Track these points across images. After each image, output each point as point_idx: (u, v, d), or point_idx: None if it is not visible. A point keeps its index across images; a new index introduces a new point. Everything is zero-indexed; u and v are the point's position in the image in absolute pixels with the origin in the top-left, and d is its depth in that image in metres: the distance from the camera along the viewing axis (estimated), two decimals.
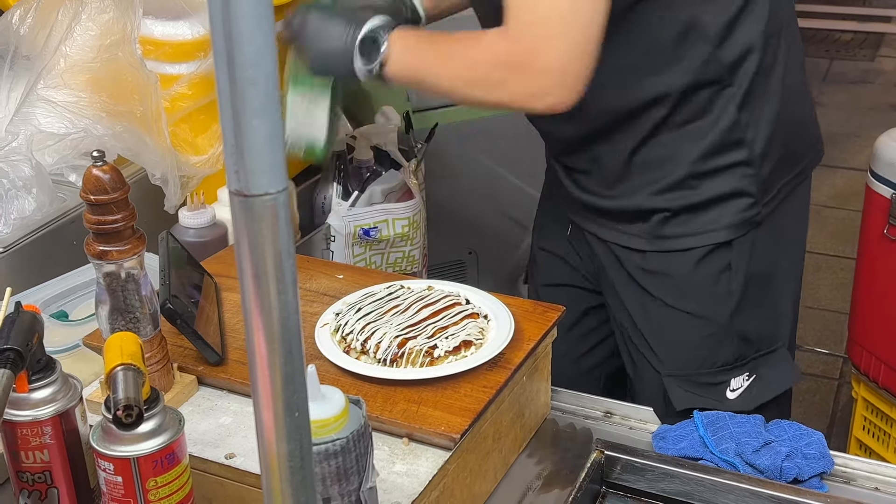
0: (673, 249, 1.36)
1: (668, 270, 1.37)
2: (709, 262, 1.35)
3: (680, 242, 1.36)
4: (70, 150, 1.35)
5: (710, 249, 1.35)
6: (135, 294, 0.98)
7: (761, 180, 1.33)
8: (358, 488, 0.82)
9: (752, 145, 1.32)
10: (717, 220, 1.34)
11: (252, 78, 0.54)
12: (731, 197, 1.33)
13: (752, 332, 1.39)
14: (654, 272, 1.38)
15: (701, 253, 1.35)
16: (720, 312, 1.36)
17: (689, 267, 1.36)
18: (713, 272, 1.35)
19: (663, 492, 1.09)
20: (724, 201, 1.33)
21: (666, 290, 1.38)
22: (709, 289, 1.36)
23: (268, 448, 0.63)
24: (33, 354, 0.87)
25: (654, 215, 1.35)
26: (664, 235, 1.36)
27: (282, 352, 0.60)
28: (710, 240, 1.34)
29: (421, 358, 1.04)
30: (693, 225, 1.35)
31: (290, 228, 0.58)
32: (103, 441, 0.86)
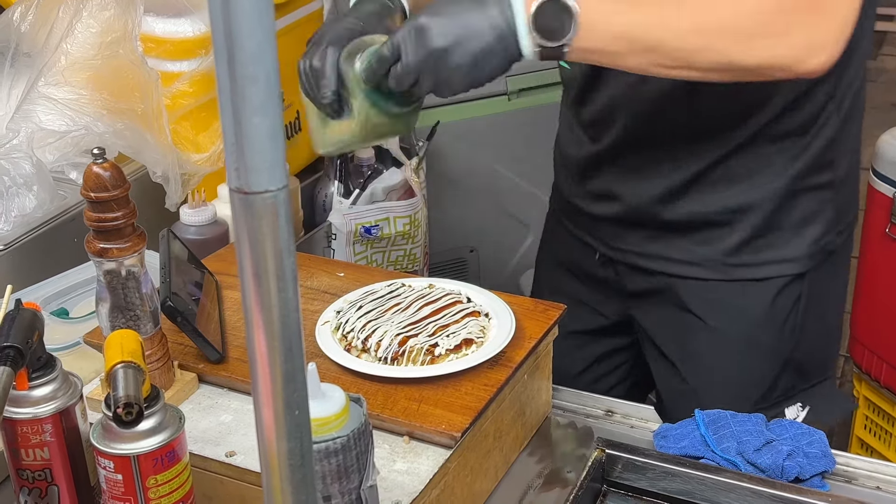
0: (747, 279, 1.25)
1: (738, 302, 1.26)
2: (786, 293, 1.25)
3: (756, 271, 1.24)
4: (71, 148, 1.35)
5: (788, 281, 1.24)
6: (135, 292, 0.98)
7: (838, 205, 1.25)
8: (358, 486, 0.82)
9: (838, 167, 1.22)
10: (797, 247, 1.24)
11: (252, 75, 0.54)
12: (812, 222, 1.24)
13: (808, 363, 1.31)
14: (719, 303, 1.27)
15: (780, 284, 1.24)
16: (785, 346, 1.28)
17: (766, 300, 1.25)
18: (788, 305, 1.26)
19: (664, 490, 1.09)
20: (805, 226, 1.24)
21: (731, 322, 1.27)
22: (780, 323, 1.26)
23: (268, 446, 0.63)
24: (34, 352, 0.87)
25: (728, 237, 1.24)
26: (738, 263, 1.24)
27: (282, 350, 0.60)
28: (789, 270, 1.24)
29: (422, 356, 1.04)
30: (771, 252, 1.23)
31: (291, 226, 0.58)
32: (103, 439, 0.85)
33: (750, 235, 1.24)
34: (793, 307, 1.26)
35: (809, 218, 1.24)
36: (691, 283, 1.28)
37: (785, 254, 1.24)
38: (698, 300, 1.28)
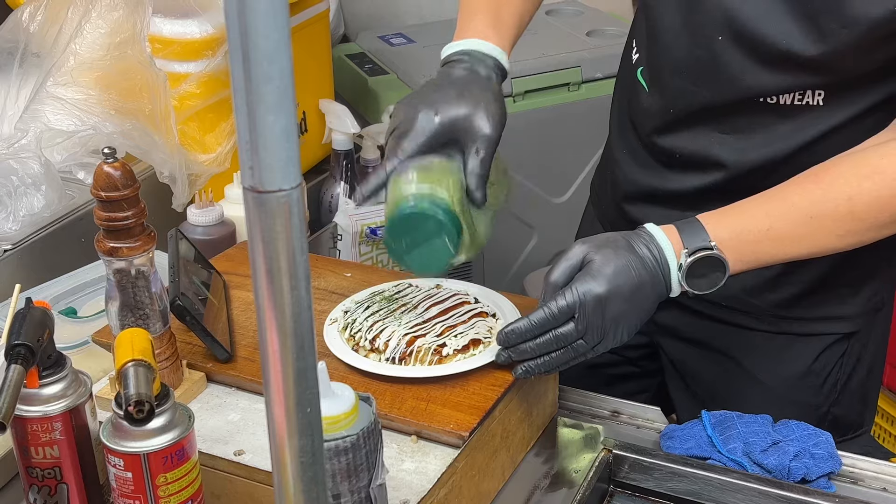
0: (796, 333, 1.19)
1: (784, 356, 1.21)
2: (831, 351, 1.20)
3: (806, 327, 1.19)
4: (79, 148, 1.36)
5: (837, 339, 1.19)
6: (145, 291, 0.98)
7: (892, 260, 1.18)
8: (367, 485, 0.82)
9: None
10: (851, 305, 1.18)
11: (267, 74, 0.54)
12: (870, 279, 1.18)
13: (845, 419, 1.26)
14: (761, 353, 1.22)
15: (828, 342, 1.19)
16: (823, 403, 1.24)
17: (810, 356, 1.20)
18: (832, 362, 1.21)
19: (671, 491, 1.09)
20: (863, 284, 1.18)
21: (770, 374, 1.22)
22: (821, 379, 1.22)
23: (279, 443, 0.63)
24: (44, 350, 0.87)
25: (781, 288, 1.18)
26: (789, 317, 1.18)
27: (294, 348, 0.60)
28: (840, 328, 1.19)
29: (429, 356, 1.04)
30: (825, 309, 1.18)
31: (304, 225, 0.59)
32: (113, 437, 0.86)
33: (806, 289, 1.18)
34: (836, 364, 1.22)
35: (868, 274, 1.18)
36: (734, 329, 1.23)
37: (839, 311, 1.19)
38: (738, 347, 1.24)
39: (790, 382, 1.24)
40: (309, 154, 1.78)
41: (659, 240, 0.99)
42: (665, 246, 0.98)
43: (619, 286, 0.96)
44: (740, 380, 1.26)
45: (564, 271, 1.00)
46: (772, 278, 1.18)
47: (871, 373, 1.28)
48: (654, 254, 0.98)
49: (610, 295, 0.96)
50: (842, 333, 1.20)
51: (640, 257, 0.98)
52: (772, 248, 0.99)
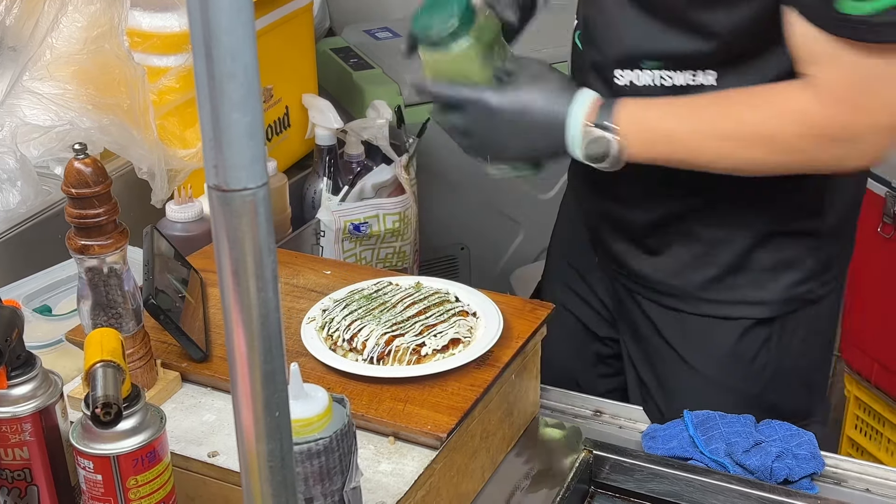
0: (715, 315, 1.24)
1: (706, 337, 1.26)
2: (752, 335, 1.24)
3: (724, 309, 1.24)
4: (55, 143, 1.34)
5: (753, 323, 1.24)
6: (117, 289, 0.97)
7: (823, 257, 1.23)
8: (341, 488, 0.81)
9: (826, 217, 1.21)
10: (769, 291, 1.23)
11: (231, 71, 0.53)
12: (789, 267, 1.22)
13: (783, 408, 1.26)
14: (690, 335, 1.27)
15: (745, 325, 1.24)
16: (752, 388, 1.27)
17: (731, 339, 1.25)
18: (754, 347, 1.25)
19: (652, 492, 1.09)
20: (781, 271, 1.22)
21: (698, 355, 1.27)
22: (745, 363, 1.26)
23: (247, 447, 0.62)
24: (12, 350, 0.86)
25: (701, 270, 1.23)
26: (707, 299, 1.24)
27: (261, 350, 0.59)
28: (756, 313, 1.23)
29: (408, 356, 1.03)
30: (742, 293, 1.23)
31: (271, 224, 0.57)
32: (83, 439, 0.84)
33: (723, 272, 1.22)
34: (760, 349, 1.25)
35: (787, 263, 1.22)
36: (665, 310, 1.28)
37: (756, 296, 1.23)
38: (671, 329, 1.28)
39: (718, 366, 1.26)
40: (291, 149, 1.76)
41: (575, 104, 1.08)
42: (577, 110, 1.08)
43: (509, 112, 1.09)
44: (675, 364, 1.29)
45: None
46: (692, 260, 1.23)
47: (811, 362, 1.30)
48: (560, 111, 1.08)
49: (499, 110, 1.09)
50: (759, 318, 1.23)
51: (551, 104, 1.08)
52: (667, 150, 1.08)
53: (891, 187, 1.92)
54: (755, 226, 1.20)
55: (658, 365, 1.31)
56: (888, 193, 1.92)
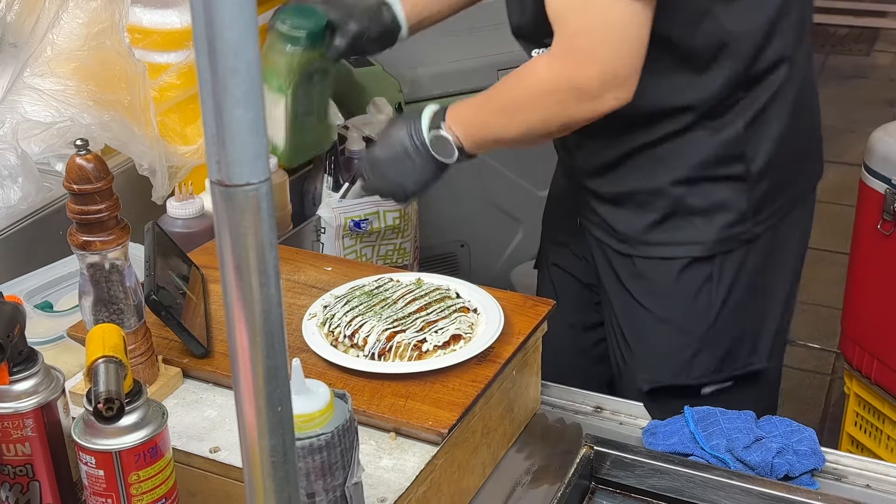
0: (656, 257, 1.35)
1: (652, 277, 1.36)
2: (690, 273, 1.34)
3: (663, 250, 1.34)
4: (56, 139, 1.34)
5: (690, 261, 1.33)
6: (119, 285, 0.97)
7: (755, 199, 1.31)
8: (343, 483, 0.81)
9: (751, 162, 1.30)
10: (703, 232, 1.32)
11: (233, 67, 0.53)
12: (720, 210, 1.31)
13: (732, 347, 1.37)
14: (640, 278, 1.37)
15: (682, 264, 1.34)
16: (699, 324, 1.35)
17: (671, 277, 1.34)
18: (694, 284, 1.34)
19: (653, 488, 1.09)
20: (712, 213, 1.31)
21: (649, 296, 1.37)
22: (689, 300, 1.35)
23: (250, 443, 0.62)
24: (14, 346, 0.86)
25: (644, 216, 1.34)
26: (650, 242, 1.35)
27: (264, 346, 0.59)
28: (692, 252, 1.33)
29: (409, 352, 1.03)
30: (678, 234, 1.33)
31: (273, 220, 0.57)
32: (85, 434, 0.84)
33: (662, 216, 1.33)
34: (702, 287, 1.34)
35: (719, 206, 1.31)
36: (620, 256, 1.39)
37: (692, 236, 1.33)
38: (625, 272, 1.39)
39: (664, 304, 1.37)
40: None
41: (423, 120, 1.29)
42: (424, 125, 1.29)
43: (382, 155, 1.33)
44: (631, 307, 1.40)
45: None
46: (635, 207, 1.35)
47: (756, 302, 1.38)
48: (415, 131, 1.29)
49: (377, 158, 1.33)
50: (695, 257, 1.33)
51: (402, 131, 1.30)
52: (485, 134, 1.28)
53: (890, 184, 1.92)
54: (681, 172, 1.30)
55: (620, 310, 1.41)
56: (888, 190, 1.92)
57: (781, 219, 1.36)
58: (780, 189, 1.34)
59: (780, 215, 1.36)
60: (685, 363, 1.37)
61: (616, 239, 1.38)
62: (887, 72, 4.73)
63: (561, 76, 1.18)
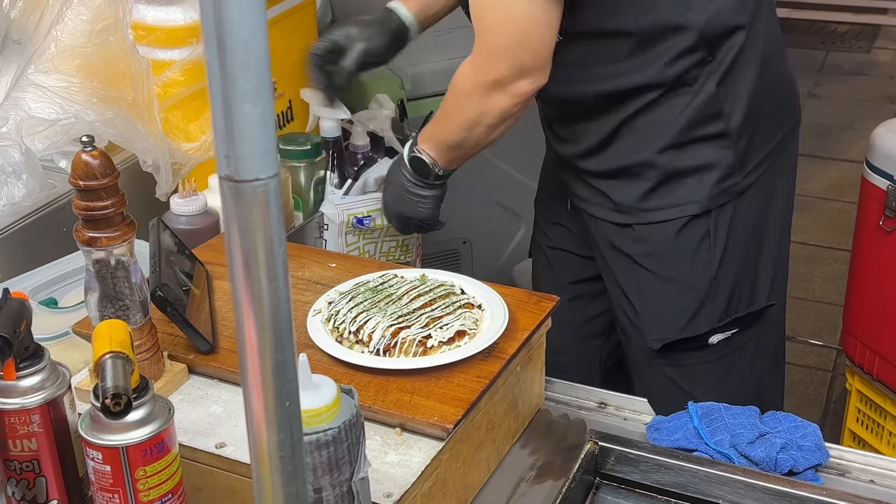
0: (655, 221, 1.41)
1: (652, 240, 1.42)
2: (687, 232, 1.40)
3: (661, 214, 1.41)
4: (60, 136, 1.34)
5: (687, 220, 1.40)
6: (124, 281, 0.97)
7: (739, 152, 1.38)
8: (349, 478, 0.81)
9: (730, 119, 1.36)
10: (695, 191, 1.38)
11: (243, 62, 0.53)
12: (708, 168, 1.38)
13: (733, 295, 1.43)
14: (640, 242, 1.43)
15: (680, 224, 1.40)
16: (700, 278, 1.41)
17: (670, 237, 1.41)
18: (693, 241, 1.40)
19: (657, 483, 1.09)
20: (702, 172, 1.38)
21: (650, 259, 1.43)
22: (689, 257, 1.41)
23: (258, 438, 0.62)
24: (21, 342, 0.86)
25: (637, 186, 1.40)
26: (647, 208, 1.41)
27: (272, 341, 0.59)
28: (688, 211, 1.39)
29: (414, 347, 1.03)
30: (673, 197, 1.39)
31: (281, 215, 0.57)
32: (92, 430, 0.85)
33: (655, 183, 1.40)
34: (700, 243, 1.40)
35: (707, 165, 1.38)
36: (617, 227, 1.45)
37: (686, 197, 1.39)
38: (625, 240, 1.45)
39: (665, 265, 1.43)
40: None
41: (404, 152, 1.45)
42: (405, 156, 1.44)
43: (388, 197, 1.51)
44: (634, 271, 1.45)
45: None
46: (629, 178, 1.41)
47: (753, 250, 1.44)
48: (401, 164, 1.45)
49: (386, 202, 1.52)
50: (691, 215, 1.39)
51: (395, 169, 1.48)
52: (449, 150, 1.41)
53: (892, 181, 1.92)
54: (665, 140, 1.37)
55: (623, 277, 1.47)
56: (890, 187, 1.92)
57: (767, 168, 1.42)
58: (762, 139, 1.41)
59: (766, 165, 1.42)
60: (691, 317, 1.42)
61: (615, 211, 1.44)
62: (888, 69, 4.73)
63: (478, 73, 1.31)
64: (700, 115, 1.35)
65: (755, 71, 1.36)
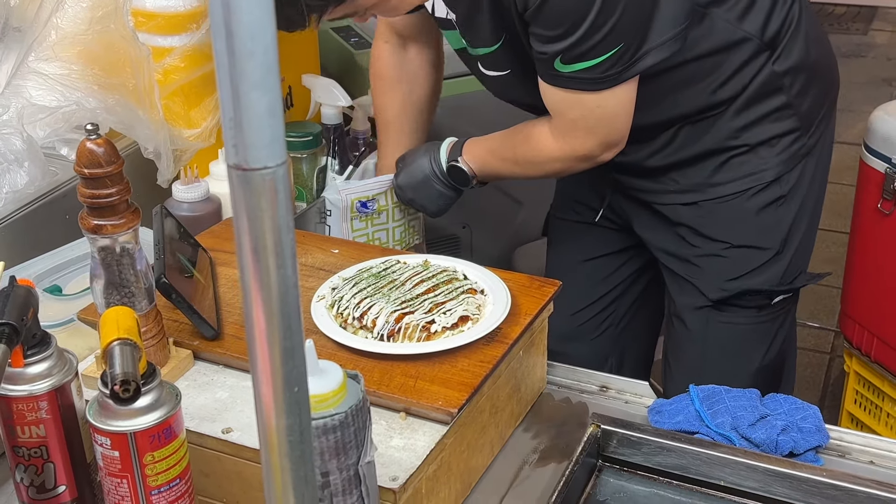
0: (727, 194, 1.44)
1: (722, 213, 1.44)
2: (762, 197, 1.43)
3: (733, 186, 1.43)
4: (62, 124, 1.34)
5: (762, 187, 1.43)
6: (130, 268, 0.97)
7: (802, 115, 1.42)
8: (356, 462, 0.82)
9: (790, 90, 1.40)
10: (768, 159, 1.42)
11: (251, 50, 0.53)
12: (778, 136, 1.41)
13: (797, 253, 1.48)
14: (708, 216, 1.45)
15: (754, 192, 1.43)
16: (772, 241, 1.45)
17: (742, 205, 1.44)
18: (768, 205, 1.44)
19: (659, 465, 1.10)
20: (772, 141, 1.41)
21: (716, 228, 1.45)
22: (763, 221, 1.45)
23: (267, 423, 0.63)
24: (28, 329, 0.87)
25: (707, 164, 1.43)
26: (717, 183, 1.44)
27: (281, 327, 0.60)
28: (763, 179, 1.43)
29: (418, 333, 1.04)
30: (746, 167, 1.42)
31: (290, 202, 0.58)
32: (100, 416, 0.85)
33: (723, 161, 1.43)
34: (774, 207, 1.44)
35: (776, 134, 1.42)
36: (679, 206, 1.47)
37: (758, 166, 1.43)
38: (688, 215, 1.47)
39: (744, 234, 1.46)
40: None
41: (441, 151, 1.51)
42: (442, 156, 1.51)
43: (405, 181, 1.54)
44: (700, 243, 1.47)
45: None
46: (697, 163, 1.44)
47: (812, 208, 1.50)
48: (434, 159, 1.51)
49: (401, 185, 1.55)
50: (766, 182, 1.43)
51: (424, 161, 1.52)
52: (492, 173, 1.50)
53: (891, 164, 1.92)
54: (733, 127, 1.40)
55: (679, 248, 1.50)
56: (888, 170, 1.93)
57: (825, 126, 1.48)
58: (818, 102, 1.45)
59: (823, 123, 1.47)
60: (758, 275, 1.46)
61: (677, 192, 1.46)
62: (884, 50, 4.73)
63: (564, 149, 1.37)
64: (762, 94, 1.39)
65: (804, 40, 1.41)
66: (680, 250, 1.50)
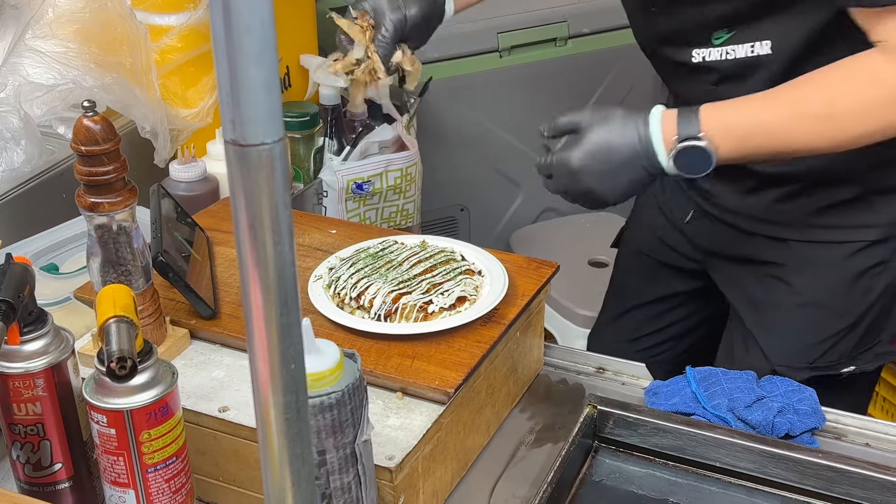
0: (826, 241, 1.27)
1: (813, 261, 1.28)
2: (861, 257, 1.26)
3: (835, 234, 1.26)
4: (59, 102, 1.33)
5: (865, 245, 1.26)
6: (126, 247, 0.97)
7: None
8: (353, 441, 0.82)
9: None
10: (878, 215, 1.25)
11: (248, 25, 0.53)
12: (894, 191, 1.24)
13: (876, 327, 1.31)
14: (794, 261, 1.29)
15: (855, 248, 1.26)
16: (856, 309, 1.29)
17: (838, 260, 1.27)
18: (862, 268, 1.27)
19: (655, 446, 1.10)
20: (888, 195, 1.25)
21: (804, 281, 1.29)
22: (852, 284, 1.28)
23: (263, 400, 0.63)
24: (25, 306, 0.87)
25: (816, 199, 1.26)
26: (819, 225, 1.27)
27: (278, 304, 0.60)
28: (868, 235, 1.26)
29: (415, 313, 1.04)
30: (855, 217, 1.25)
31: (287, 179, 0.58)
32: (96, 393, 0.85)
33: (837, 200, 1.25)
34: (868, 271, 1.27)
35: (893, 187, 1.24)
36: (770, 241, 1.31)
37: (869, 220, 1.25)
38: (772, 254, 1.31)
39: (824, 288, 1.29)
40: None
41: (651, 125, 1.09)
42: (654, 131, 1.09)
43: (591, 165, 1.11)
44: (778, 291, 1.31)
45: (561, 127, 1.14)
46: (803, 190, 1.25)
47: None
48: (641, 137, 1.09)
49: (582, 168, 1.11)
50: (871, 241, 1.25)
51: (626, 139, 1.09)
52: (760, 141, 1.08)
53: None
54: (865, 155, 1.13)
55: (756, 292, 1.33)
56: None
57: None
58: None
59: None
60: (831, 347, 1.30)
61: (768, 224, 1.29)
62: None
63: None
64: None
65: None
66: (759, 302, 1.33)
